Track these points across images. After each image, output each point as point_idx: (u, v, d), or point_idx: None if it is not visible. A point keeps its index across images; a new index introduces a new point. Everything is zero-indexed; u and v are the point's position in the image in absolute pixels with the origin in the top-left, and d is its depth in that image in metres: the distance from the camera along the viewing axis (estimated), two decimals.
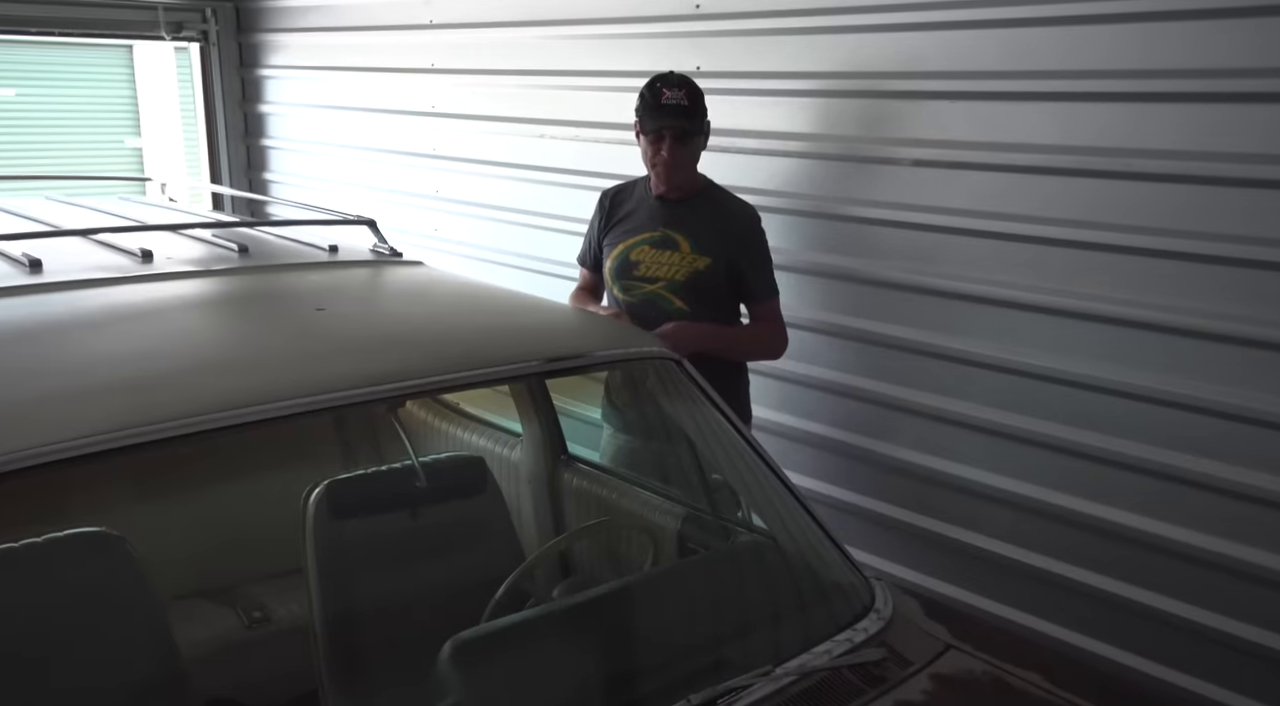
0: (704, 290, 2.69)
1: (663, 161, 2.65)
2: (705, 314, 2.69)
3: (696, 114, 2.65)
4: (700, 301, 2.70)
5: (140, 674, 1.80)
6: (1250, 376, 2.25)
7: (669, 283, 2.70)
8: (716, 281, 2.69)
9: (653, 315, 2.68)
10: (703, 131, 2.70)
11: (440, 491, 2.07)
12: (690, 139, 2.66)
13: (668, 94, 2.61)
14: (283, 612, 2.33)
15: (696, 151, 2.71)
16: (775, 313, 2.77)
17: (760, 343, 2.82)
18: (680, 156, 2.65)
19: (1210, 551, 2.35)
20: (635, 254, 2.75)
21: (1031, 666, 1.73)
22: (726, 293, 2.74)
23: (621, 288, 2.78)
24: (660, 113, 2.62)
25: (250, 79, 5.22)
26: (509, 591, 1.83)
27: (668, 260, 2.70)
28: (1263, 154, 2.16)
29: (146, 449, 1.51)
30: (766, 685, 1.58)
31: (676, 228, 2.71)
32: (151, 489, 2.18)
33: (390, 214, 4.23)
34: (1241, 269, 2.23)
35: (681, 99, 2.61)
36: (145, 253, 2.27)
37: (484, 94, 4.00)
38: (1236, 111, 2.20)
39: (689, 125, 2.63)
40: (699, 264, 2.68)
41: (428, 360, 1.85)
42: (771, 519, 2.13)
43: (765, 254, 2.75)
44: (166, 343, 1.80)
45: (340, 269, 2.43)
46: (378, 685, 1.83)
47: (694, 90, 2.65)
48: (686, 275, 2.68)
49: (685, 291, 2.69)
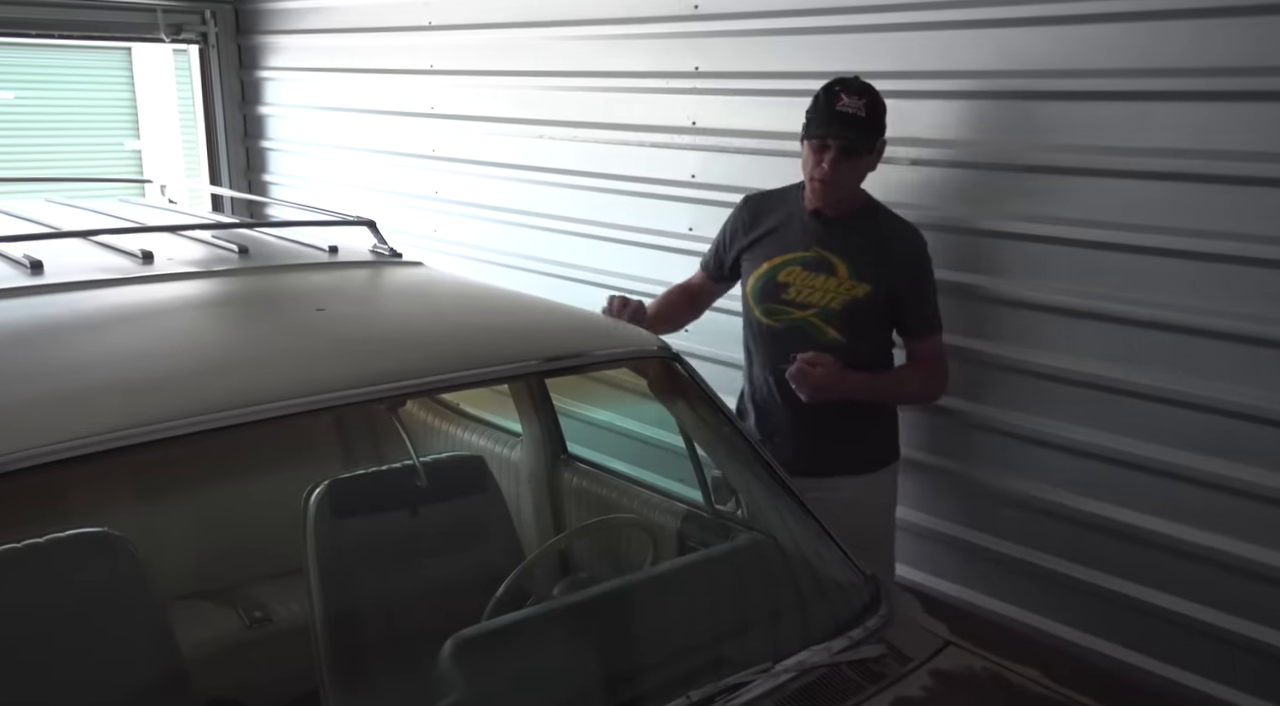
0: (861, 320, 2.43)
1: (821, 175, 2.36)
2: (861, 347, 2.44)
3: (871, 129, 2.35)
4: (856, 333, 2.43)
5: (143, 674, 1.80)
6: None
7: (822, 310, 2.44)
8: (876, 312, 2.43)
9: (801, 345, 2.42)
10: (874, 150, 2.40)
11: (441, 491, 2.08)
12: (857, 156, 2.36)
13: (845, 100, 2.31)
14: (284, 612, 2.35)
15: (862, 171, 2.43)
16: (937, 350, 2.49)
17: (917, 388, 2.55)
18: (841, 173, 2.36)
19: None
20: (784, 275, 2.48)
21: (1031, 663, 1.74)
22: (886, 324, 2.48)
23: (765, 311, 2.52)
24: (830, 119, 2.33)
25: (249, 81, 5.22)
26: (509, 590, 1.83)
27: (822, 285, 2.43)
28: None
29: (147, 449, 1.51)
30: (766, 681, 1.59)
31: (833, 249, 2.43)
32: (154, 489, 2.19)
33: (390, 215, 4.23)
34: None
35: (859, 109, 2.31)
36: (146, 254, 2.28)
37: (483, 95, 4.00)
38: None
39: (858, 140, 2.34)
40: (858, 291, 2.41)
41: (427, 360, 1.85)
42: (771, 517, 2.14)
43: (931, 284, 2.47)
44: (167, 343, 1.81)
45: (340, 269, 2.44)
46: (379, 684, 1.83)
47: (876, 101, 2.35)
48: (843, 303, 2.42)
49: (840, 321, 2.43)
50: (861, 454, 2.58)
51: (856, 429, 2.54)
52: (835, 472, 2.48)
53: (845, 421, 2.49)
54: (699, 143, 3.23)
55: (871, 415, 2.56)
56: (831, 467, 2.49)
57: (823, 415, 2.45)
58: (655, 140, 3.35)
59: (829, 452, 2.51)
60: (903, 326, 2.49)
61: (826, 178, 2.35)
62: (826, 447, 2.51)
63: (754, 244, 2.57)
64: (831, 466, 2.49)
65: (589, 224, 3.64)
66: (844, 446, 2.53)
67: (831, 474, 2.47)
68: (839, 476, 2.49)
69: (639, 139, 3.41)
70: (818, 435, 2.50)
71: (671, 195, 3.34)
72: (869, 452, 2.60)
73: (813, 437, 2.51)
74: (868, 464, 2.58)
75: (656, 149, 3.36)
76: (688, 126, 3.25)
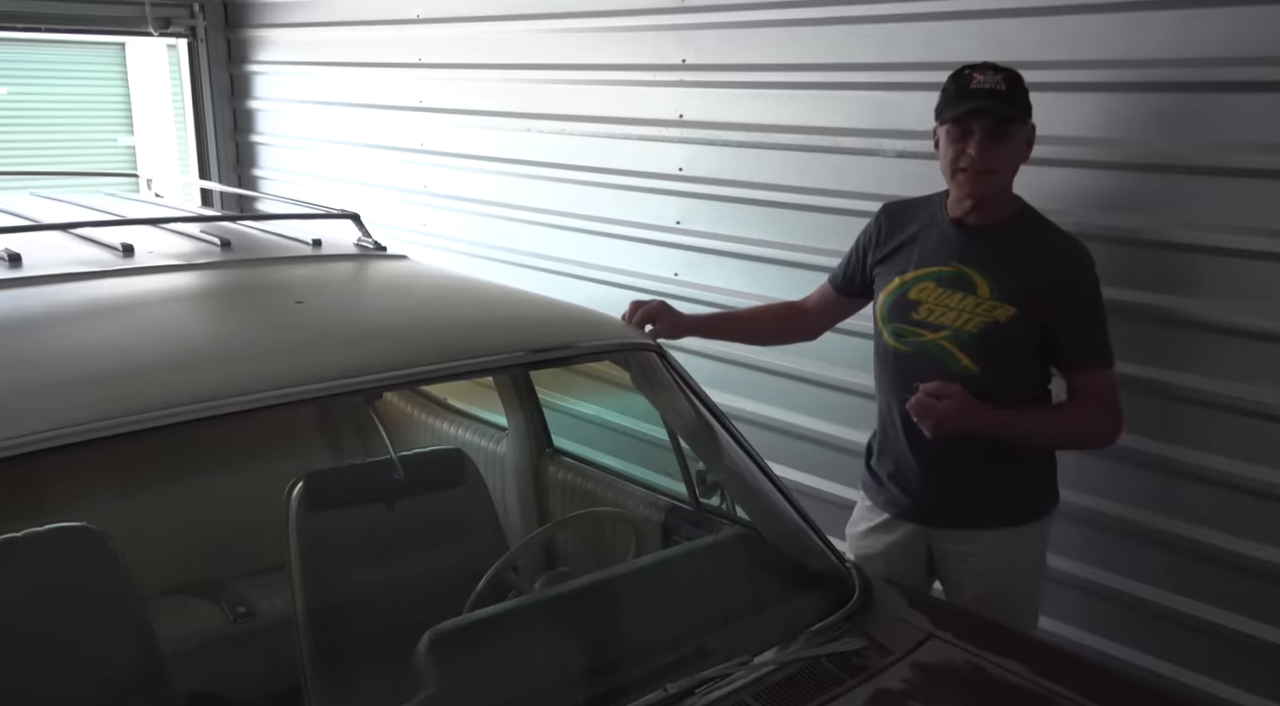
0: (1000, 348, 2.07)
1: (969, 161, 2.02)
2: (997, 379, 2.08)
3: (1017, 102, 2.03)
4: (993, 362, 2.08)
5: (121, 670, 1.80)
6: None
7: (955, 333, 2.10)
8: (1021, 338, 2.07)
9: (928, 373, 2.10)
10: (1025, 130, 2.06)
11: (422, 485, 2.07)
12: (1008, 132, 2.02)
13: (979, 78, 2.01)
14: (266, 607, 2.34)
15: (1013, 157, 2.07)
16: (1105, 387, 2.09)
17: (1073, 429, 2.13)
18: (994, 156, 2.02)
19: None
20: (916, 292, 2.15)
21: (1011, 655, 1.73)
22: (1032, 354, 2.11)
23: (893, 332, 2.19)
24: (968, 98, 2.01)
25: (239, 75, 5.21)
26: (490, 584, 1.83)
27: (958, 304, 2.09)
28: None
29: (122, 441, 1.50)
30: (745, 674, 1.58)
31: (975, 263, 2.09)
32: (133, 483, 2.18)
33: (379, 209, 4.24)
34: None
35: (998, 83, 2.00)
36: (126, 247, 2.26)
37: (471, 89, 3.99)
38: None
39: (1007, 110, 2.00)
40: (999, 313, 2.06)
41: (408, 352, 1.84)
42: (754, 510, 2.13)
43: (1096, 309, 2.09)
44: (144, 336, 1.80)
45: (323, 263, 2.42)
46: (361, 678, 1.83)
47: (1015, 77, 2.04)
48: (980, 326, 2.07)
49: (976, 347, 2.08)
50: (1005, 504, 2.18)
51: (998, 476, 2.15)
52: (972, 525, 2.18)
53: (985, 465, 2.13)
54: (686, 136, 3.22)
55: (1020, 459, 2.14)
56: (967, 519, 2.18)
57: (956, 456, 2.12)
58: (643, 133, 3.34)
59: (964, 502, 2.18)
60: (1059, 358, 2.12)
61: (974, 164, 2.02)
62: (962, 496, 2.17)
63: (888, 257, 2.24)
64: (967, 518, 2.18)
65: (577, 217, 3.63)
66: (983, 495, 2.16)
67: (967, 526, 2.18)
68: (977, 530, 2.17)
69: (626, 132, 3.40)
70: (953, 481, 2.17)
71: (659, 188, 3.33)
72: (1015, 503, 2.19)
73: (945, 483, 2.18)
74: (1013, 515, 2.19)
75: (644, 142, 3.34)
76: (675, 119, 3.24)
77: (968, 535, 2.18)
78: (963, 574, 2.21)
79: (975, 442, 2.08)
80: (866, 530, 2.32)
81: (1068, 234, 2.12)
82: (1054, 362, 2.14)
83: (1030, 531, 2.20)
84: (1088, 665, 1.86)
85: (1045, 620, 2.46)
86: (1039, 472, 2.21)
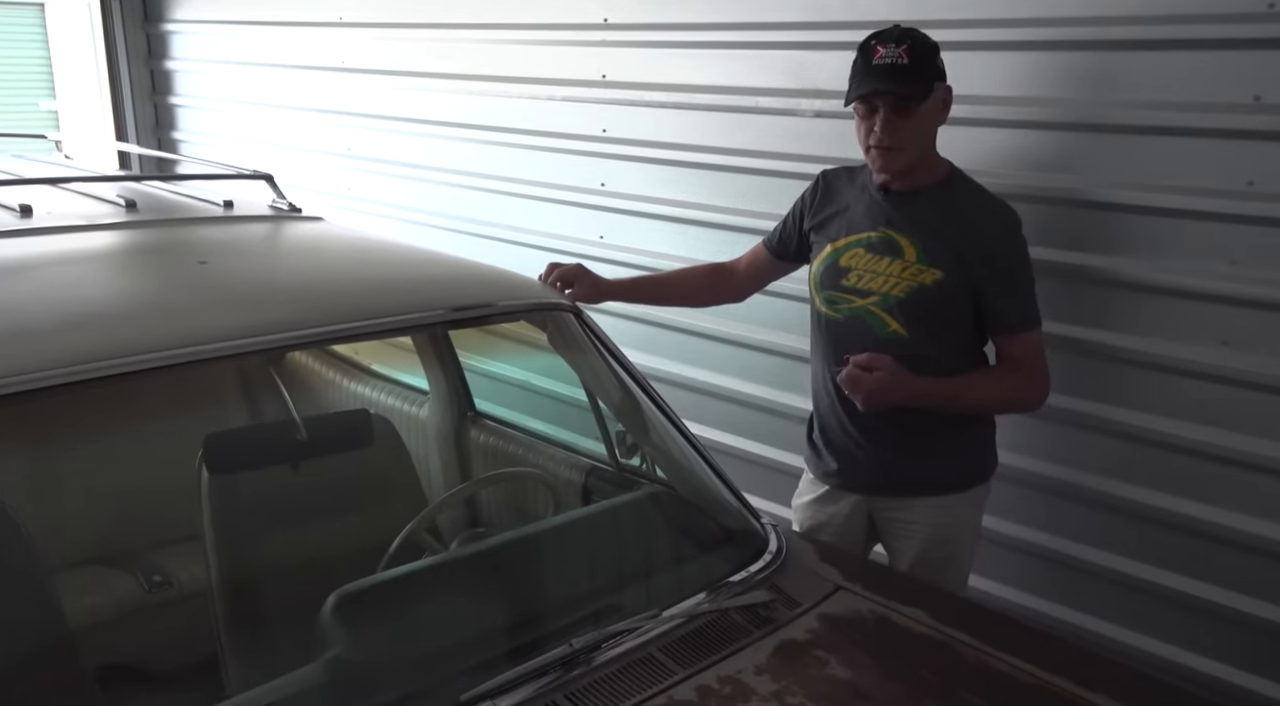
0: (928, 312, 2.07)
1: (876, 141, 2.04)
2: (926, 342, 2.08)
3: (919, 74, 2.00)
4: (922, 326, 2.08)
5: (31, 645, 1.75)
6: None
7: (883, 298, 2.10)
8: (948, 301, 2.07)
9: (859, 338, 2.11)
10: (931, 98, 2.04)
11: (328, 445, 2.04)
12: (911, 108, 2.01)
13: (881, 52, 2.00)
14: (185, 576, 2.29)
15: (925, 126, 2.07)
16: (1032, 350, 2.10)
17: (1004, 395, 2.13)
18: (899, 133, 2.02)
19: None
20: (847, 258, 2.15)
21: (918, 604, 1.76)
22: (962, 317, 2.11)
23: (826, 299, 2.19)
24: (869, 76, 2.01)
25: (155, 34, 5.05)
26: (407, 545, 1.81)
27: (886, 269, 2.09)
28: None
29: (14, 402, 1.45)
30: (653, 627, 1.59)
31: (902, 228, 2.09)
32: (34, 452, 2.11)
33: (303, 172, 4.15)
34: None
35: (898, 57, 1.98)
36: (24, 207, 2.19)
37: (391, 49, 3.91)
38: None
39: (906, 89, 2.00)
40: (925, 277, 2.06)
41: (317, 311, 1.81)
42: (672, 469, 2.14)
43: (1024, 271, 2.08)
44: (37, 298, 1.74)
45: (233, 224, 2.37)
46: (276, 642, 1.80)
47: (919, 44, 2.01)
48: (907, 290, 2.07)
49: (903, 311, 2.08)
50: (943, 472, 2.19)
51: (936, 445, 2.16)
52: (911, 493, 2.19)
53: (921, 434, 2.14)
54: (610, 96, 3.19)
55: (957, 426, 2.15)
56: (906, 488, 2.20)
57: (892, 427, 2.13)
58: (566, 94, 3.31)
59: (903, 471, 2.19)
60: (987, 321, 2.11)
61: (883, 142, 2.03)
62: (900, 465, 2.18)
63: (823, 224, 2.24)
64: (906, 487, 2.20)
65: (502, 180, 3.59)
66: (921, 464, 2.18)
67: (905, 494, 2.20)
68: (915, 498, 2.19)
69: (550, 93, 3.36)
70: (891, 451, 2.18)
71: (583, 150, 3.30)
72: (954, 471, 2.20)
73: (883, 453, 2.18)
74: (951, 484, 2.20)
75: (568, 103, 3.31)
76: (598, 79, 3.21)
77: (906, 503, 2.21)
78: (902, 539, 2.25)
79: (910, 413, 2.09)
80: (810, 501, 2.35)
81: (995, 197, 2.12)
82: (984, 325, 2.14)
83: (969, 497, 2.22)
84: (993, 614, 1.90)
85: (983, 580, 2.51)
86: (976, 439, 2.23)
